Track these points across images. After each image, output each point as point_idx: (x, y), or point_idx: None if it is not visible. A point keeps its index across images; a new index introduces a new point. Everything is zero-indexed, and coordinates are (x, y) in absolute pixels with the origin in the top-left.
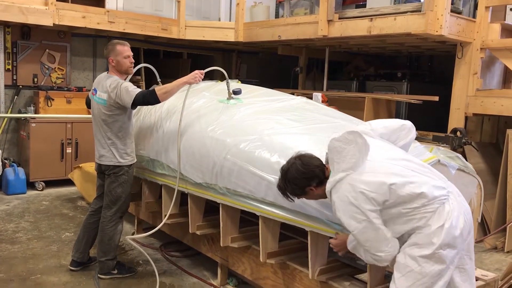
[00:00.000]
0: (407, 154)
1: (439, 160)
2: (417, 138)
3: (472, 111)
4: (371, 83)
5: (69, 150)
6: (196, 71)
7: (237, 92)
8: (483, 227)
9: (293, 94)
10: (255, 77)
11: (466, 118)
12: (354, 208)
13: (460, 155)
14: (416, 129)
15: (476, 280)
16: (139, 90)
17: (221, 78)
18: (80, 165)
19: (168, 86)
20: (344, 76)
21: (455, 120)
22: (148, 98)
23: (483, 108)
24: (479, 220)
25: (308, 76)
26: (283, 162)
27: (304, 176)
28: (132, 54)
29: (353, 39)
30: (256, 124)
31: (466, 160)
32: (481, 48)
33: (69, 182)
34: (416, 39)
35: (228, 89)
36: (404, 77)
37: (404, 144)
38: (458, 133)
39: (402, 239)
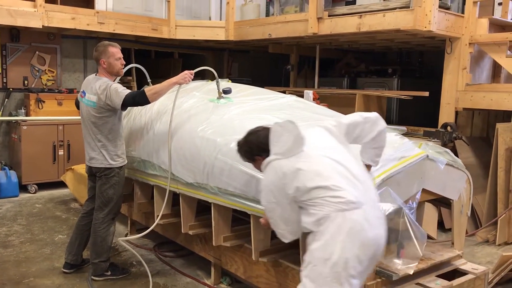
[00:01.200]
0: (348, 160)
1: (427, 156)
2: (408, 134)
3: (462, 106)
4: (362, 80)
5: (61, 152)
6: (186, 71)
7: (227, 92)
8: (475, 221)
9: (284, 92)
10: (247, 76)
11: (457, 113)
12: (270, 187)
13: (448, 150)
14: (407, 125)
15: (467, 274)
16: (128, 91)
17: (213, 77)
18: (72, 167)
19: (158, 86)
20: (335, 73)
21: (446, 115)
22: (138, 99)
23: (472, 103)
24: (469, 214)
25: (299, 74)
26: None
27: (259, 145)
28: (122, 56)
29: (343, 36)
30: (246, 123)
31: (457, 155)
32: (469, 43)
33: (62, 184)
34: (405, 35)
35: (218, 89)
36: (394, 73)
37: (374, 137)
38: (449, 128)
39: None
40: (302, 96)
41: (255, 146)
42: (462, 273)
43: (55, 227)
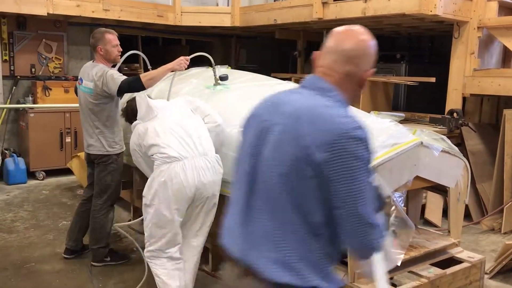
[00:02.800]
0: (189, 123)
1: (421, 142)
2: (414, 120)
3: (469, 92)
4: None
5: (68, 140)
6: (181, 57)
7: (223, 78)
8: (481, 208)
9: (289, 78)
10: (255, 62)
11: (465, 99)
12: (133, 147)
13: (445, 137)
14: (414, 111)
15: (462, 262)
16: (124, 77)
17: (221, 64)
18: (78, 154)
19: (153, 72)
20: None
21: (453, 101)
22: (133, 85)
23: (480, 89)
24: (467, 201)
25: (308, 60)
26: None
27: (133, 112)
28: (119, 42)
29: (348, 21)
30: (241, 109)
31: (463, 142)
32: (478, 27)
33: (69, 171)
34: (412, 20)
35: (215, 75)
36: (402, 59)
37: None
38: (455, 114)
39: None
40: None
41: (130, 112)
42: (458, 261)
43: (59, 213)
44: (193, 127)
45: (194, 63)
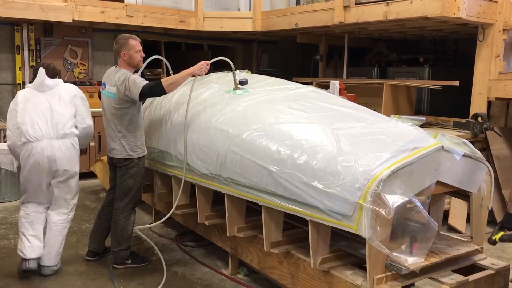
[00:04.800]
0: (53, 110)
1: (442, 147)
2: (437, 124)
3: (494, 95)
4: (392, 69)
5: (92, 144)
6: (202, 62)
7: (243, 82)
8: None
9: (311, 83)
10: (277, 67)
11: (490, 102)
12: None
13: (467, 141)
14: (438, 115)
15: (485, 269)
16: (146, 82)
17: (244, 68)
18: (102, 157)
19: (174, 77)
20: (365, 63)
21: (477, 105)
22: (155, 90)
23: (506, 92)
24: (490, 207)
25: (329, 64)
26: (283, 151)
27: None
28: (142, 48)
29: (370, 24)
30: (259, 114)
31: (488, 146)
32: (503, 30)
33: (93, 175)
34: (435, 23)
35: (235, 79)
36: (426, 62)
37: None
38: (479, 119)
39: None
40: (329, 87)
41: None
42: (481, 268)
43: (83, 216)
44: (56, 115)
45: (216, 67)
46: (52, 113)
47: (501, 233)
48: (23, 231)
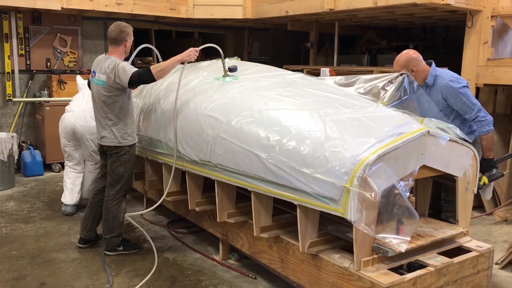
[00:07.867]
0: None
1: (428, 131)
2: None
3: (482, 82)
4: (382, 57)
5: None
6: (191, 49)
7: (232, 70)
8: (494, 199)
9: (302, 70)
10: (268, 54)
11: (478, 89)
12: None
13: (453, 126)
14: None
15: (470, 252)
16: (135, 69)
17: (232, 56)
18: None
19: (163, 64)
20: (356, 51)
21: None
22: (144, 77)
23: (494, 78)
24: (475, 191)
25: (320, 52)
26: (272, 137)
27: None
28: None
29: (360, 11)
30: (248, 100)
31: None
32: (491, 16)
33: None
34: (424, 9)
35: (224, 67)
36: (415, 49)
37: None
38: None
39: None
40: (319, 74)
41: None
42: (467, 250)
43: None
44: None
45: (207, 56)
46: None
47: (483, 177)
48: None
